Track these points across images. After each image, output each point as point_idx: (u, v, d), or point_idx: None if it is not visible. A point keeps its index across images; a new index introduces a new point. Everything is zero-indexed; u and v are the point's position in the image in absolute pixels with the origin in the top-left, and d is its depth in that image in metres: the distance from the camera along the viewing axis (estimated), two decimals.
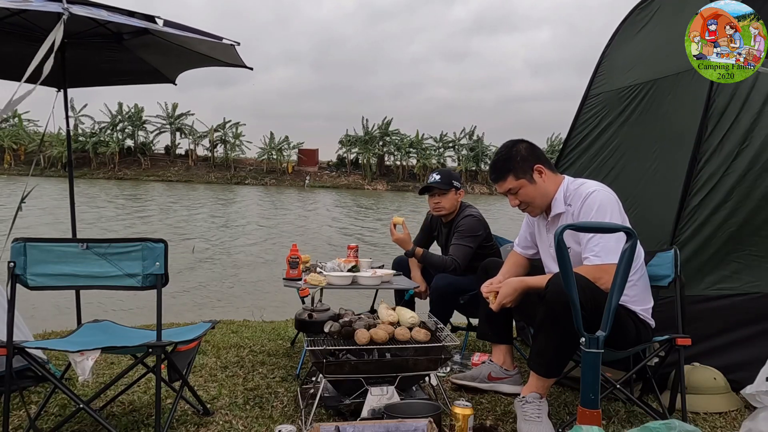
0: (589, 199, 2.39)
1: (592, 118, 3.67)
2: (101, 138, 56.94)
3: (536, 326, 2.41)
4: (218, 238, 17.78)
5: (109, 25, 3.86)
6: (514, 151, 2.55)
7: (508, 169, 2.52)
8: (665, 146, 3.14)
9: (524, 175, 2.50)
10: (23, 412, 2.49)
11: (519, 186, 2.51)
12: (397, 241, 3.54)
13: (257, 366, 3.31)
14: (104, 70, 4.65)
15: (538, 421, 2.28)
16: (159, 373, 2.23)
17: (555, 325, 2.24)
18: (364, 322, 2.60)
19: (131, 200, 30.66)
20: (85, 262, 2.18)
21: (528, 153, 2.54)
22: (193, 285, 10.10)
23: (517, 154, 2.53)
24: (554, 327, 2.24)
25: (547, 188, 2.52)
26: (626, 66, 3.57)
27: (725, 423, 2.59)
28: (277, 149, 59.46)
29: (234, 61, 4.05)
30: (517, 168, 2.51)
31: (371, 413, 2.38)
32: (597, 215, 2.33)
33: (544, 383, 2.38)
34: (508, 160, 2.53)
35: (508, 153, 2.55)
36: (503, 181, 2.53)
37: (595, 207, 2.35)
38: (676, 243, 2.86)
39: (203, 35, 3.54)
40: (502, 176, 2.53)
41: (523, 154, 2.53)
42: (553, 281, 2.25)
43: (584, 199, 2.40)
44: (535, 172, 2.51)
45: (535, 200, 2.53)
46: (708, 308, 2.87)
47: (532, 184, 2.51)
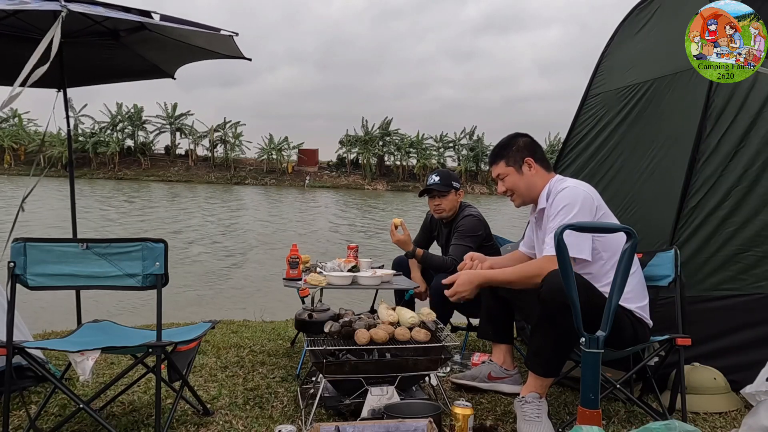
0: (558, 195, 2.50)
1: (591, 118, 3.67)
2: (101, 138, 56.99)
3: (533, 325, 2.43)
4: (219, 238, 17.79)
5: (105, 22, 3.85)
6: (512, 141, 2.71)
7: (502, 155, 2.70)
8: (664, 146, 3.14)
9: (514, 164, 2.66)
10: (23, 412, 2.49)
11: (507, 173, 2.68)
12: (397, 242, 3.54)
13: (257, 366, 3.31)
14: (103, 68, 4.65)
15: (538, 421, 2.28)
16: (159, 373, 2.23)
17: (551, 325, 2.25)
18: (364, 322, 2.60)
19: (145, 201, 30.64)
20: (85, 262, 2.18)
21: (524, 146, 2.68)
22: (194, 285, 10.10)
23: (514, 144, 2.69)
24: (551, 326, 2.26)
25: (533, 182, 2.64)
26: (626, 66, 3.57)
27: (725, 423, 2.58)
28: (277, 149, 59.47)
29: (232, 53, 4.04)
30: (509, 156, 2.67)
31: (371, 413, 2.38)
32: (563, 211, 2.43)
33: (542, 383, 2.38)
34: (504, 147, 2.71)
35: (508, 142, 2.72)
36: (495, 165, 2.73)
37: (562, 204, 2.46)
38: (675, 243, 2.86)
39: (200, 27, 3.53)
40: (495, 161, 2.73)
41: (519, 145, 2.68)
42: (547, 280, 2.26)
43: (554, 196, 2.52)
44: (525, 164, 2.65)
45: (519, 190, 2.67)
46: (708, 308, 2.87)
47: (519, 174, 2.65)
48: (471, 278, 2.60)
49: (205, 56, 4.28)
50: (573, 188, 2.49)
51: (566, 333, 2.18)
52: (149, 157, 58.92)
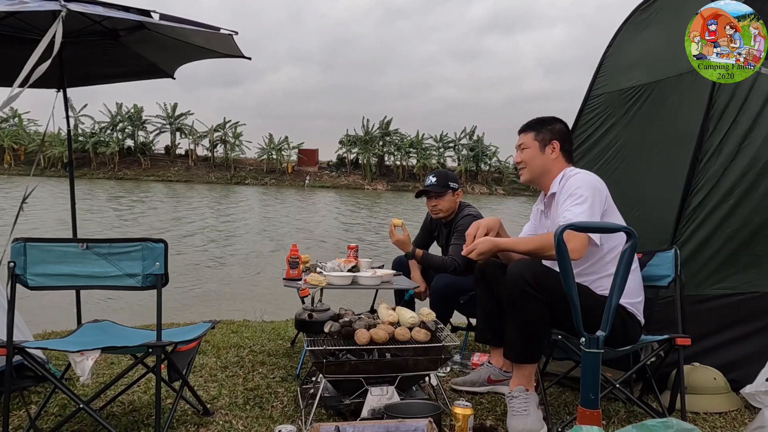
0: (571, 179, 2.53)
1: (594, 118, 3.66)
2: (101, 138, 56.99)
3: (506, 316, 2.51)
4: (218, 237, 17.79)
5: (105, 22, 3.85)
6: (551, 121, 2.74)
7: (534, 128, 2.72)
8: (667, 147, 3.14)
9: (541, 141, 2.68)
10: (23, 412, 2.49)
11: (530, 146, 2.70)
12: (397, 243, 3.54)
13: (257, 366, 3.31)
14: (102, 68, 4.65)
15: (525, 414, 2.31)
16: (159, 373, 2.23)
17: (515, 311, 2.37)
18: (364, 322, 2.60)
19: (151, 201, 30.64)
20: (85, 262, 2.18)
21: (558, 131, 2.70)
22: (194, 285, 10.10)
23: (550, 123, 2.72)
24: (514, 312, 2.37)
25: (550, 165, 2.66)
26: (628, 67, 3.56)
27: (725, 423, 2.58)
28: (277, 149, 59.47)
29: (232, 52, 4.03)
30: (540, 131, 2.70)
31: (371, 413, 2.38)
32: (574, 192, 2.46)
33: (523, 372, 2.43)
34: (540, 123, 2.73)
35: (545, 119, 2.75)
36: (524, 134, 2.74)
37: (575, 185, 2.49)
38: (676, 243, 2.86)
39: (200, 26, 3.53)
40: (526, 130, 2.74)
41: (555, 128, 2.70)
42: (510, 269, 2.40)
43: (566, 179, 2.56)
44: (550, 146, 2.67)
45: (533, 166, 2.69)
46: (708, 308, 2.87)
47: (540, 152, 2.67)
48: (492, 243, 2.59)
49: (205, 55, 4.27)
50: (586, 174, 2.55)
51: (529, 318, 2.33)
52: (149, 157, 58.93)
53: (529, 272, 2.34)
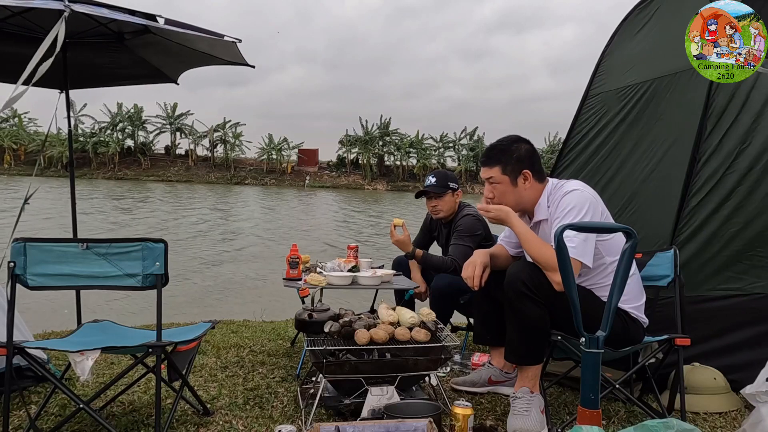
0: (565, 198, 2.41)
1: (591, 118, 3.66)
2: (101, 138, 56.95)
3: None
4: (218, 237, 17.78)
5: (110, 24, 3.86)
6: (514, 147, 2.54)
7: (500, 160, 2.52)
8: (664, 146, 3.14)
9: (511, 174, 2.51)
10: (23, 412, 2.49)
11: (500, 181, 2.52)
12: (397, 243, 3.54)
13: (257, 366, 3.31)
14: (106, 71, 4.65)
15: (526, 415, 2.31)
16: (159, 373, 2.23)
17: (513, 312, 2.37)
18: (364, 322, 2.60)
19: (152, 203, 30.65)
20: (85, 262, 2.18)
21: (525, 156, 2.53)
22: (194, 284, 10.10)
23: (515, 151, 2.53)
24: (513, 314, 2.38)
25: (525, 196, 2.52)
26: (625, 66, 3.56)
27: (725, 423, 2.58)
28: (277, 149, 59.46)
29: (235, 59, 4.04)
30: (507, 164, 2.51)
31: (371, 413, 2.38)
32: (570, 214, 2.35)
33: (527, 374, 2.43)
34: (504, 152, 2.53)
35: (508, 146, 2.55)
36: (489, 168, 2.54)
37: (570, 206, 2.37)
38: (675, 243, 2.86)
39: (204, 33, 3.54)
40: (491, 164, 2.54)
41: (521, 154, 2.52)
42: (509, 271, 2.39)
43: (559, 199, 2.43)
44: (521, 177, 2.51)
45: (506, 201, 2.52)
46: (708, 308, 2.87)
47: (512, 185, 2.51)
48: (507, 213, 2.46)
49: (209, 62, 4.28)
50: (580, 192, 2.41)
51: (527, 319, 2.33)
52: (149, 157, 58.89)
53: (526, 274, 2.34)
